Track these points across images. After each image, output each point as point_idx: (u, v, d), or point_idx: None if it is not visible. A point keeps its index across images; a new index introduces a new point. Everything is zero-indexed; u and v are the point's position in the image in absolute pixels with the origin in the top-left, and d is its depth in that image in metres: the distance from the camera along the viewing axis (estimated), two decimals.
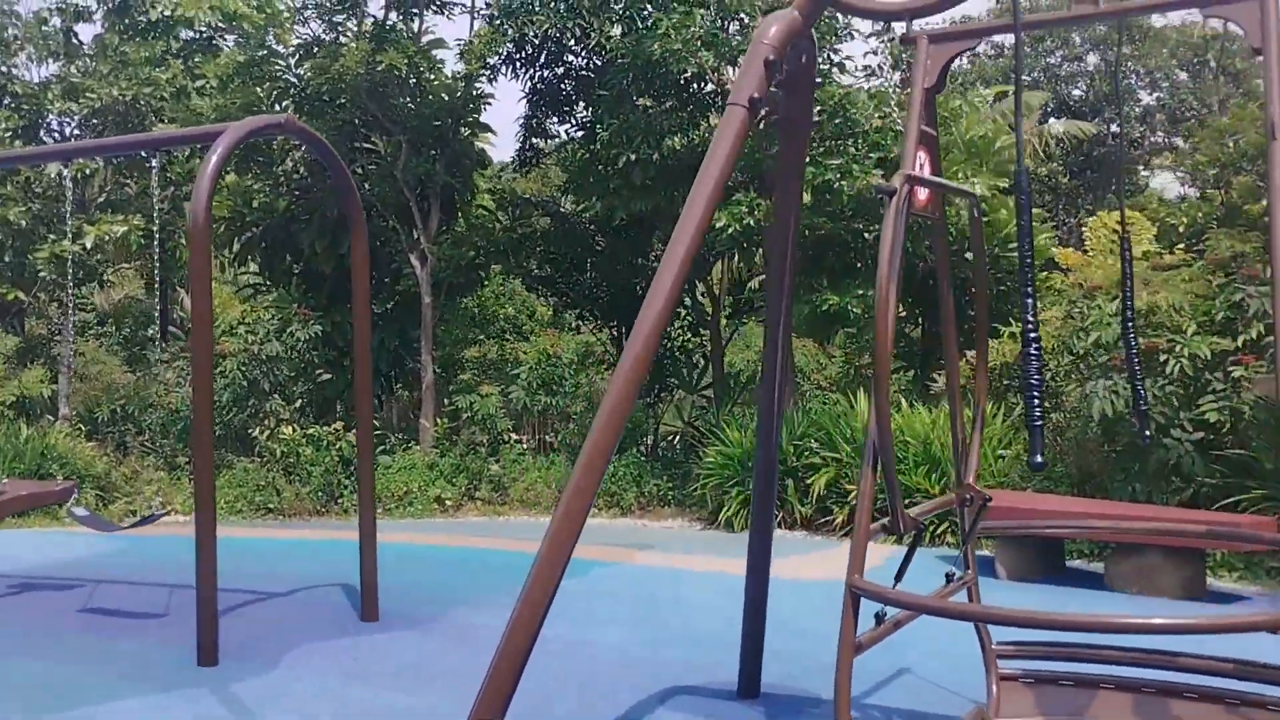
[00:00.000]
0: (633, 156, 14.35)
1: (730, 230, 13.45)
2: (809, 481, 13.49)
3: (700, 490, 14.26)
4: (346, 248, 17.96)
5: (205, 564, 7.54)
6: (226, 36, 21.95)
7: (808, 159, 13.88)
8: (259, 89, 16.73)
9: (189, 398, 17.64)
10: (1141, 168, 30.24)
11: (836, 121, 12.98)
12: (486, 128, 18.48)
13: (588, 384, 17.74)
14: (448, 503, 16.07)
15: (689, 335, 19.69)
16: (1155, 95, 31.20)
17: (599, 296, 19.57)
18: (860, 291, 14.12)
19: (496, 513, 15.85)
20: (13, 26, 18.16)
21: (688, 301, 18.39)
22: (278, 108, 16.87)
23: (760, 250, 15.33)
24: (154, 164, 9.63)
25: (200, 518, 7.61)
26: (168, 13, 19.54)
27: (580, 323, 20.72)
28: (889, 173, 13.33)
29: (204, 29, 21.37)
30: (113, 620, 8.95)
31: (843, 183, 12.95)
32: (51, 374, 18.55)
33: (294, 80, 16.96)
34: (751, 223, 13.48)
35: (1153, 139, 31.05)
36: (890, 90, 14.03)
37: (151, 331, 22.80)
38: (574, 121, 18.13)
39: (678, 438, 16.76)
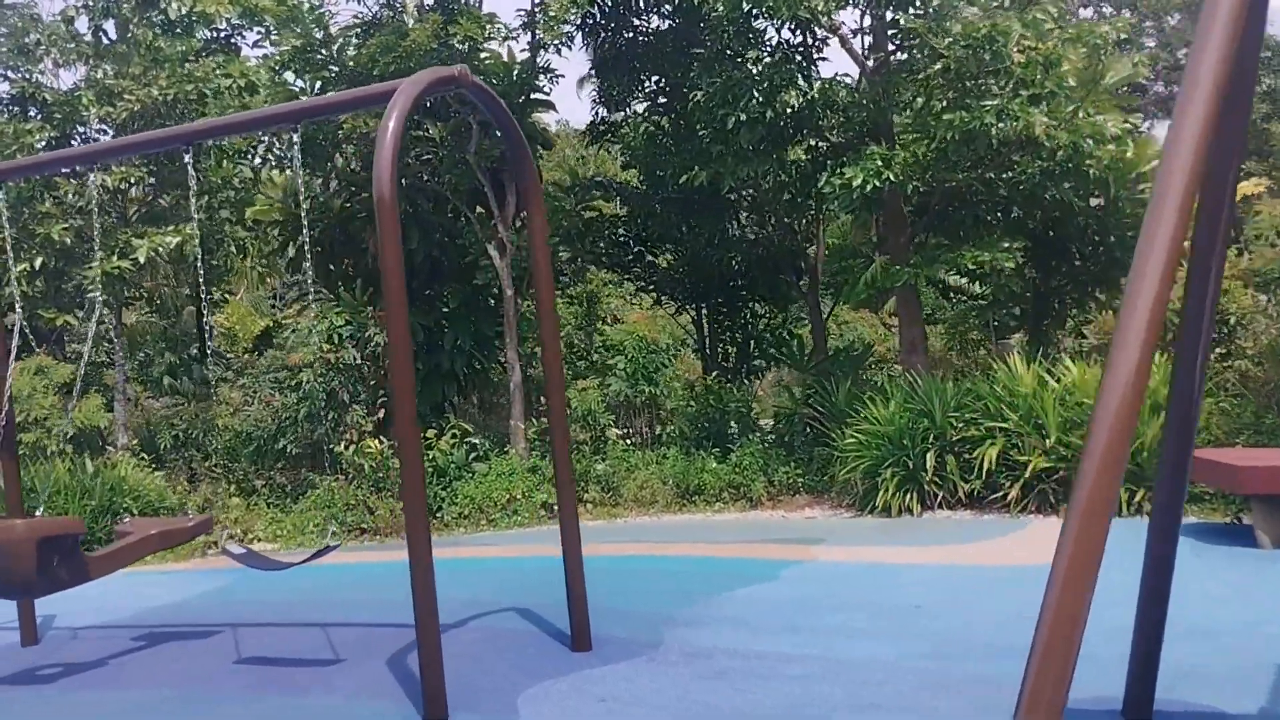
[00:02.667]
0: (742, 117, 13.07)
1: (868, 187, 12.20)
2: (972, 455, 12.33)
3: (847, 474, 13.07)
4: (416, 242, 16.96)
5: (424, 598, 6.30)
6: (245, 34, 20.66)
7: (949, 103, 12.73)
8: (314, 76, 15.44)
9: (256, 417, 16.41)
10: None
11: (984, 56, 11.74)
12: (550, 105, 17.24)
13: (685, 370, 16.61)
14: (555, 508, 14.83)
15: (776, 310, 18.55)
16: None
17: (680, 277, 18.38)
18: (1007, 244, 12.92)
19: (611, 515, 14.65)
20: (34, 31, 16.78)
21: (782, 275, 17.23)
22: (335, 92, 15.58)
23: (878, 214, 14.07)
24: (296, 145, 8.36)
25: (413, 543, 6.36)
26: (185, 10, 18.19)
27: (658, 305, 19.52)
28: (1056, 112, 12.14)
29: (223, 27, 20.10)
30: (283, 671, 7.70)
31: (999, 125, 11.71)
32: (106, 402, 17.23)
33: (347, 64, 15.64)
34: (891, 178, 12.24)
35: None
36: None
37: (194, 351, 21.56)
38: (646, 90, 16.87)
39: (791, 420, 15.54)
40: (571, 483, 8.03)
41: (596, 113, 17.27)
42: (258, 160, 19.39)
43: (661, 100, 17.26)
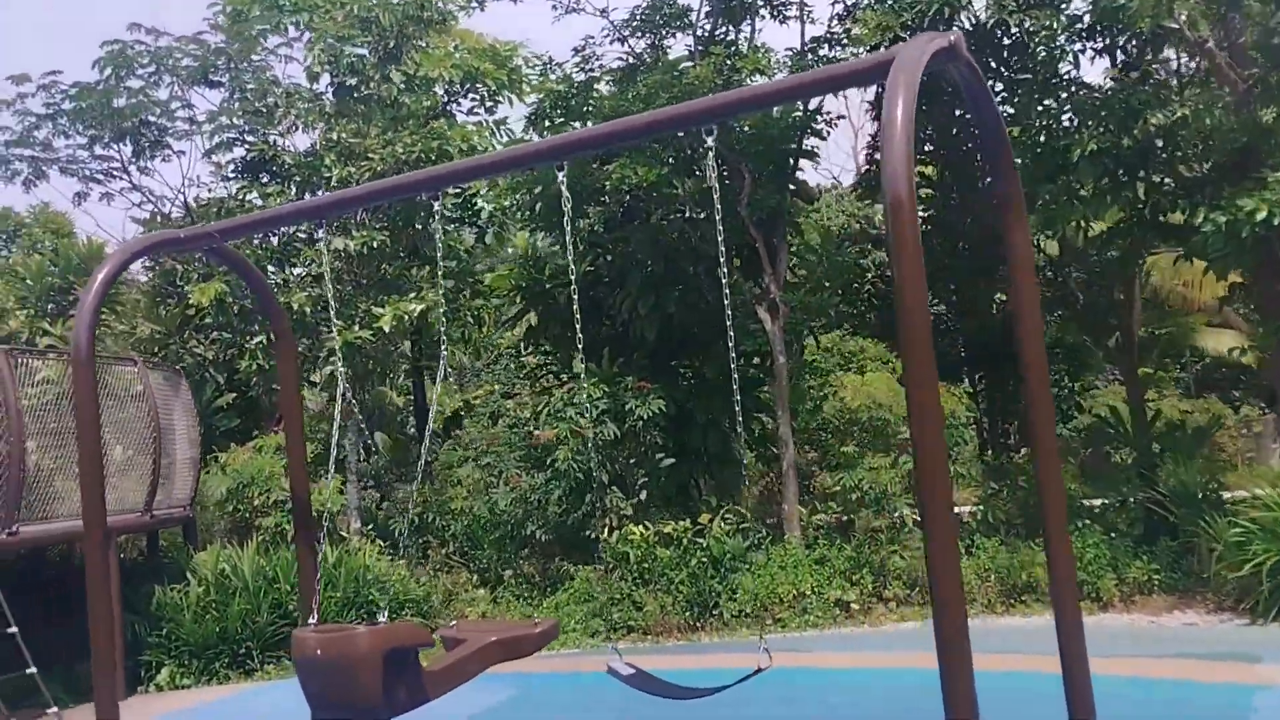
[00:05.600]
0: (1092, 146, 11.12)
1: (1275, 220, 10.04)
2: None
3: (1239, 574, 10.76)
4: (674, 306, 15.45)
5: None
6: (461, 101, 19.70)
7: None
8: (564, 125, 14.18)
9: (497, 501, 14.94)
10: None
11: None
12: (812, 154, 15.63)
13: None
14: (853, 606, 12.86)
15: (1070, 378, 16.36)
16: None
17: (950, 340, 16.34)
18: None
19: (923, 616, 12.57)
20: (272, 94, 16.04)
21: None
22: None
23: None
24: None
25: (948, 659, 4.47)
26: (410, 72, 17.27)
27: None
28: None
29: (442, 92, 19.20)
30: None
31: None
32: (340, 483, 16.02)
33: (604, 107, 14.33)
34: None
35: None
36: None
37: (411, 429, 20.42)
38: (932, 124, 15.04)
39: (1126, 505, 13.27)
40: (1072, 579, 6.05)
41: (871, 158, 15.58)
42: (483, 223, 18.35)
43: (928, 147, 15.53)
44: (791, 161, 14.88)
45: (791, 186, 15.00)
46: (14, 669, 10.21)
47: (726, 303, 6.48)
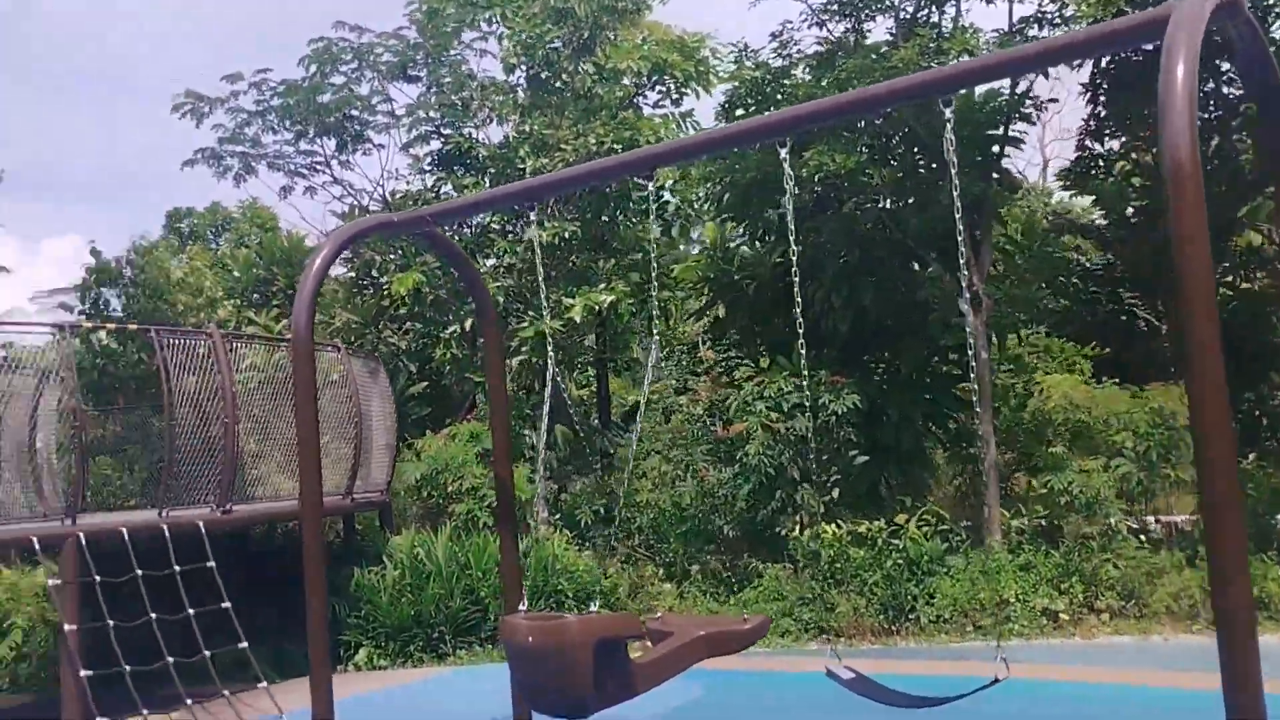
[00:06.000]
0: None
1: None
2: None
3: None
4: (869, 298, 14.99)
5: None
6: (648, 94, 19.57)
7: None
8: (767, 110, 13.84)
9: (684, 495, 14.74)
10: None
11: None
12: (1018, 140, 14.88)
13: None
14: (1062, 616, 12.16)
15: None
16: None
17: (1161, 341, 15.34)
18: None
19: (1140, 630, 11.79)
20: (467, 88, 16.27)
21: None
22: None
23: None
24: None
25: None
26: (601, 64, 17.22)
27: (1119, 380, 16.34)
28: None
29: (630, 84, 19.12)
30: None
31: None
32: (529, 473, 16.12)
33: (798, 93, 13.96)
34: None
35: None
36: None
37: (595, 421, 20.46)
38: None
39: None
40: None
41: (1084, 145, 14.73)
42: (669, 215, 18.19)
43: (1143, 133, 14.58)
44: (995, 149, 14.20)
45: (995, 175, 14.33)
46: (225, 643, 10.56)
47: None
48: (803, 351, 6.94)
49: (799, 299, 6.94)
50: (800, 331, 7.04)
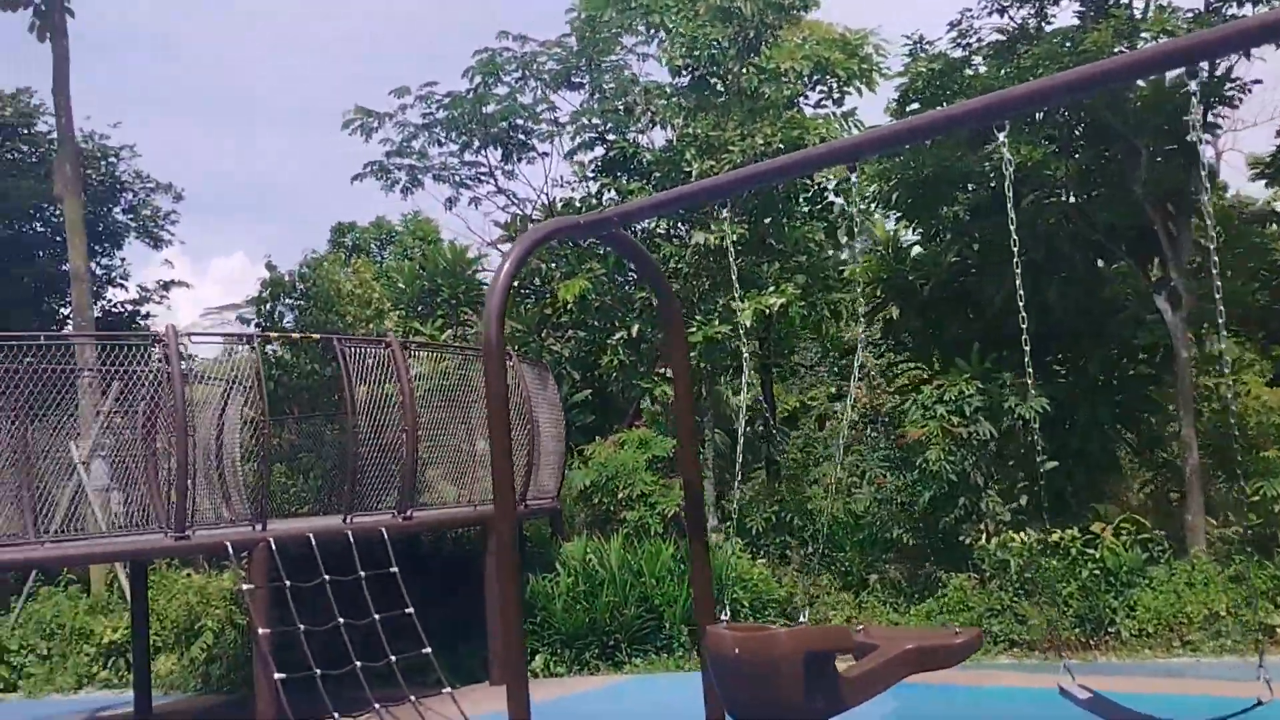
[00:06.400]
0: None
1: None
2: None
3: None
4: (1054, 296, 14.31)
5: None
6: (809, 94, 19.10)
7: None
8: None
9: (859, 501, 14.31)
10: None
11: None
12: (1216, 126, 13.96)
13: None
14: None
15: None
16: None
17: None
18: None
19: None
20: (630, 92, 16.19)
21: None
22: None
23: None
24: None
25: None
26: (763, 65, 16.87)
27: None
28: None
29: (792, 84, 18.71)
30: None
31: None
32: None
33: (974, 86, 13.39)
34: None
35: None
36: None
37: (760, 426, 20.12)
38: None
39: None
40: None
41: None
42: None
43: None
44: (1190, 136, 13.35)
45: (1191, 163, 13.46)
46: (403, 648, 10.61)
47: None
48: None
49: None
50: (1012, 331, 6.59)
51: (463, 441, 12.89)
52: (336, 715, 9.76)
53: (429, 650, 10.65)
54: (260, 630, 9.88)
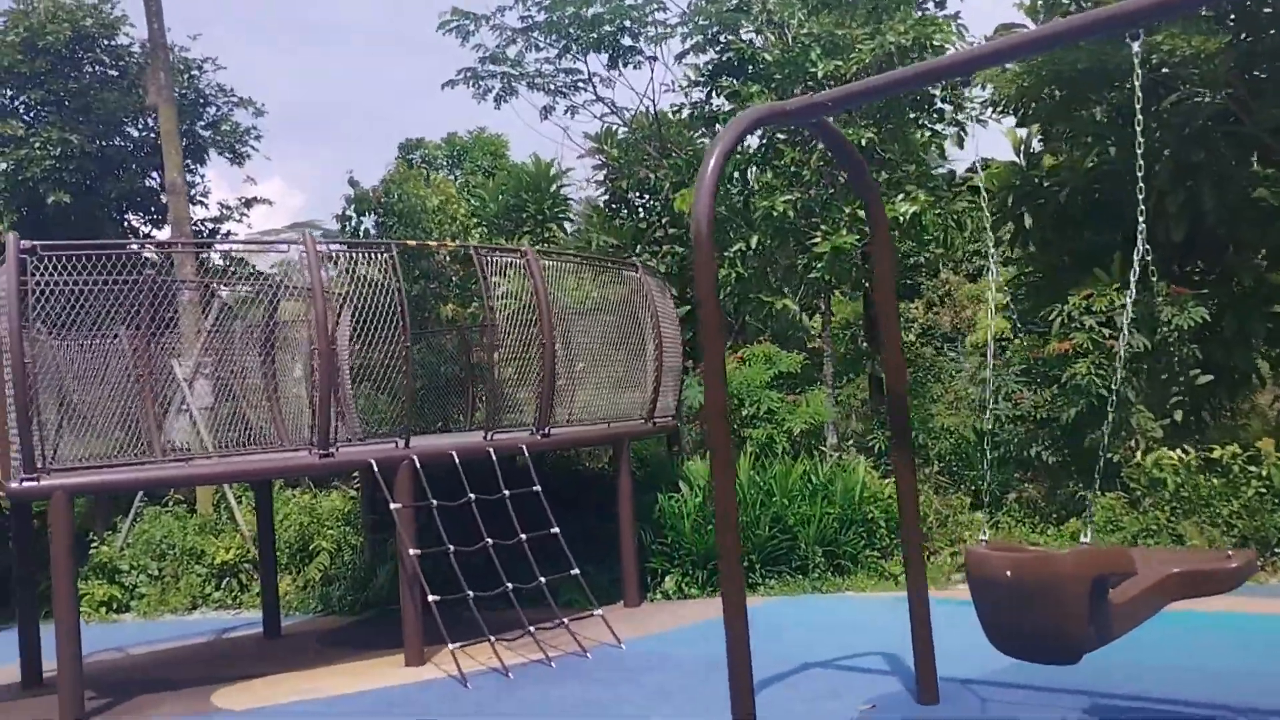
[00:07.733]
0: None
1: None
2: None
3: None
4: (1210, 203, 13.46)
5: None
6: None
7: None
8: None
9: (999, 416, 13.68)
10: None
11: None
12: None
13: None
14: None
15: None
16: None
17: None
18: None
19: None
20: None
21: None
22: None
23: None
24: None
25: None
26: None
27: None
28: None
29: None
30: None
31: None
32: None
33: None
34: None
35: None
36: None
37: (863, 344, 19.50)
38: None
39: None
40: None
41: None
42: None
43: None
44: None
45: None
46: (545, 570, 10.23)
47: None
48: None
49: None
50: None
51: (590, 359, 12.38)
52: (493, 639, 9.44)
53: (577, 571, 10.29)
54: (410, 551, 9.52)
